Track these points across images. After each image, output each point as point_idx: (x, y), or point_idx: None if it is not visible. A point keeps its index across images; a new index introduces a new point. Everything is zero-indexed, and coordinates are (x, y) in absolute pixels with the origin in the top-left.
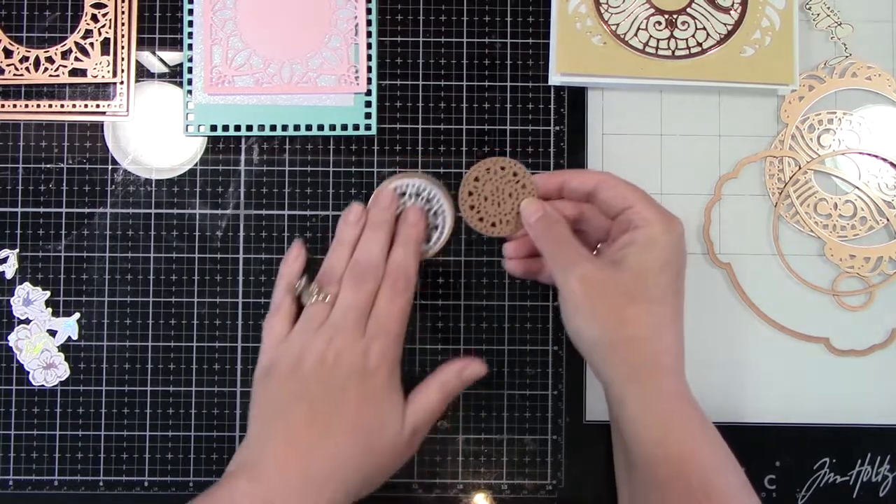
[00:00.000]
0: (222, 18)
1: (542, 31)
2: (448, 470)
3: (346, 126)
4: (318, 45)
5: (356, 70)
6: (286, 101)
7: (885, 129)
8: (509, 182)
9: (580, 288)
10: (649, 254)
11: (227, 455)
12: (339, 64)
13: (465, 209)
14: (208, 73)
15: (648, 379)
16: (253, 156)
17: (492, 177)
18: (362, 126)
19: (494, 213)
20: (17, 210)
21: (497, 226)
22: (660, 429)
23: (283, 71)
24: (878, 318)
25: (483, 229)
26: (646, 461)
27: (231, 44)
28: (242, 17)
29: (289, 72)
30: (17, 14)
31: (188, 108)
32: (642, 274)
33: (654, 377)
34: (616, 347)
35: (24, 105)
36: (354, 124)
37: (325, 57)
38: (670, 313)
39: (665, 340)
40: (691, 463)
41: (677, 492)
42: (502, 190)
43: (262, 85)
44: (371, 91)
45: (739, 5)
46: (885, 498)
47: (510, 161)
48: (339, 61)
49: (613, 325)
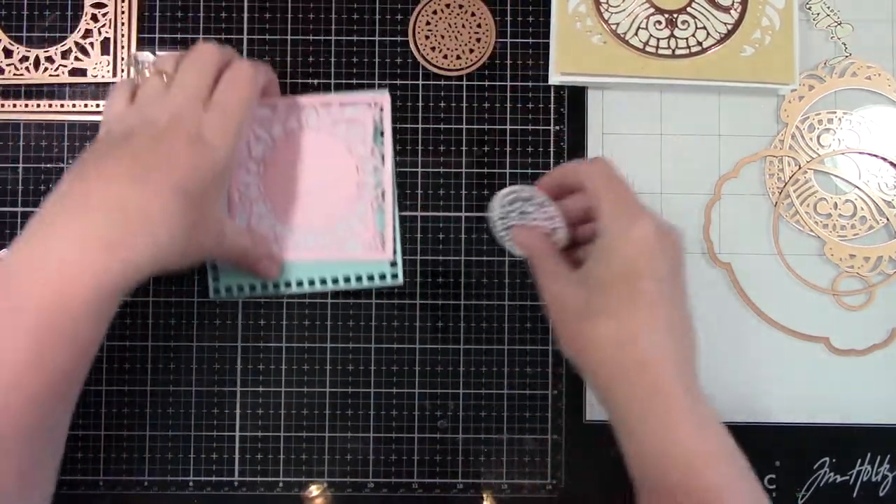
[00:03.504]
0: (245, 183)
1: (541, 30)
2: (448, 470)
3: (371, 276)
4: (344, 213)
5: (382, 237)
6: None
7: (885, 129)
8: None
9: (550, 306)
10: (605, 265)
11: (227, 455)
12: (364, 231)
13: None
14: None
15: (631, 398)
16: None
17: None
18: (388, 275)
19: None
20: (17, 210)
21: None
22: (653, 444)
23: (307, 238)
24: (877, 317)
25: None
26: (640, 474)
27: (255, 209)
28: (267, 183)
29: (313, 240)
30: (17, 14)
31: (213, 270)
32: (600, 287)
33: (645, 400)
34: (591, 365)
35: (24, 105)
36: (381, 274)
37: (351, 225)
38: (644, 322)
39: (645, 352)
40: (687, 479)
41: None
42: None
43: (287, 252)
44: (396, 260)
45: (739, 5)
46: (885, 498)
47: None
48: (365, 229)
49: (581, 342)
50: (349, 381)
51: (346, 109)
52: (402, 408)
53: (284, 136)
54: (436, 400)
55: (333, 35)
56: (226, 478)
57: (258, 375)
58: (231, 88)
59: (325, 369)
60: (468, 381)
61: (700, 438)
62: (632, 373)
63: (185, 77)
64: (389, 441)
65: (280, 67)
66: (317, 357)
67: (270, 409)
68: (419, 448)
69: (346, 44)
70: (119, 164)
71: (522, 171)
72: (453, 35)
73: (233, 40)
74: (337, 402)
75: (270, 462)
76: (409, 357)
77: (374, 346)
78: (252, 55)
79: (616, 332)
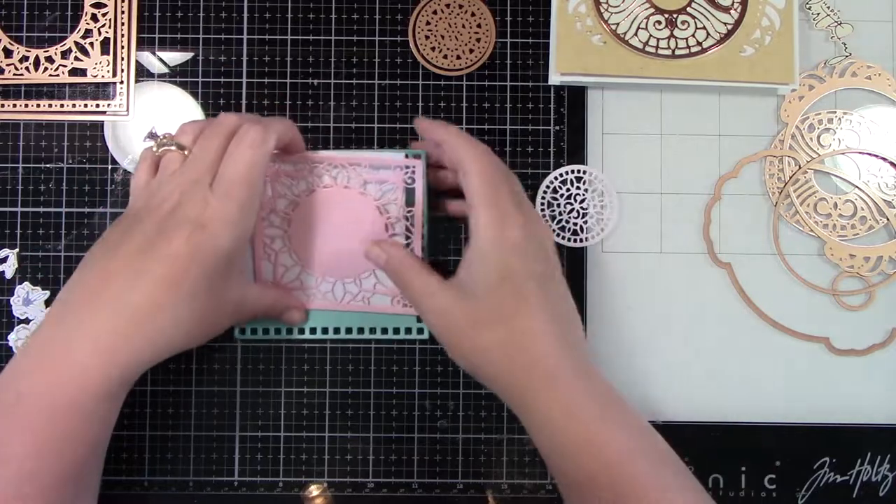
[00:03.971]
0: (271, 236)
1: (541, 30)
2: (448, 470)
3: (397, 330)
4: (372, 266)
5: None
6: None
7: (885, 129)
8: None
9: (433, 322)
10: (481, 271)
11: (227, 455)
12: (392, 285)
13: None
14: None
15: (525, 392)
16: None
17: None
18: (415, 329)
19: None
20: (17, 210)
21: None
22: (554, 435)
23: (335, 289)
24: (877, 317)
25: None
26: (553, 465)
27: (281, 260)
28: (295, 234)
29: (341, 291)
30: (17, 14)
31: None
32: (483, 294)
33: (542, 391)
34: (489, 374)
35: (24, 105)
36: (407, 328)
37: (379, 277)
38: (531, 321)
39: (537, 349)
40: (597, 463)
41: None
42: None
43: (314, 302)
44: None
45: (739, 5)
46: (885, 498)
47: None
48: (394, 283)
49: (467, 354)
50: (349, 381)
51: (377, 171)
52: (402, 408)
53: (311, 191)
54: (436, 400)
55: (333, 35)
56: (226, 478)
57: (258, 375)
58: (234, 162)
59: (325, 369)
60: (468, 381)
61: (603, 418)
62: (527, 370)
63: (198, 153)
64: (389, 441)
65: (280, 67)
66: (317, 357)
67: (270, 409)
68: (419, 448)
69: (346, 44)
70: (122, 259)
71: (522, 171)
72: (453, 35)
73: (233, 40)
74: (337, 402)
75: (270, 462)
76: (409, 357)
77: (374, 346)
78: (252, 55)
79: (507, 336)
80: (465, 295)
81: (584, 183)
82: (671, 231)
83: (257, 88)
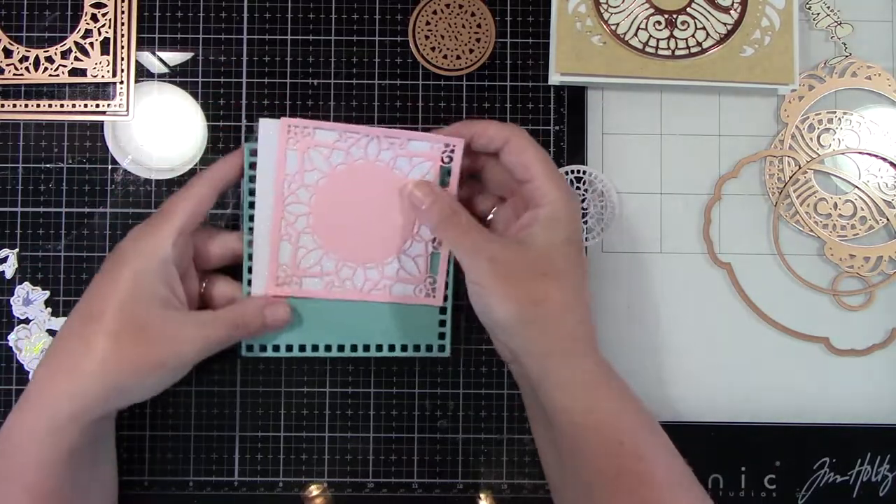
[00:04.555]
0: (295, 213)
1: (541, 30)
2: (448, 470)
3: (418, 347)
4: (396, 252)
5: (433, 281)
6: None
7: (885, 129)
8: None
9: (490, 268)
10: (553, 231)
11: (227, 455)
12: (415, 273)
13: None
14: (273, 273)
15: (569, 351)
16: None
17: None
18: (435, 347)
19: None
20: (17, 210)
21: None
22: (586, 398)
23: (356, 276)
24: (877, 317)
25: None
26: (573, 430)
27: (302, 241)
28: (318, 213)
29: (361, 278)
30: (17, 14)
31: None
32: (548, 251)
33: (574, 349)
34: (532, 324)
35: (24, 105)
36: (427, 345)
37: (403, 263)
38: (578, 286)
39: (578, 312)
40: (621, 428)
41: (608, 457)
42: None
43: (332, 289)
44: (447, 307)
45: (739, 5)
46: (885, 498)
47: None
48: (418, 270)
49: (527, 302)
50: (349, 381)
51: (412, 144)
52: (402, 408)
53: (341, 164)
54: (436, 400)
55: (333, 35)
56: (226, 478)
57: (258, 375)
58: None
59: (325, 369)
60: (468, 381)
61: (601, 375)
62: (573, 335)
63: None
64: (389, 441)
65: (280, 67)
66: (317, 357)
67: (270, 409)
68: (419, 448)
69: (346, 44)
70: (82, 305)
71: None
72: (453, 35)
73: (233, 40)
74: (337, 402)
75: (270, 462)
76: (409, 357)
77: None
78: (252, 55)
79: (563, 296)
80: (528, 248)
81: (584, 183)
82: (671, 231)
83: (257, 88)
